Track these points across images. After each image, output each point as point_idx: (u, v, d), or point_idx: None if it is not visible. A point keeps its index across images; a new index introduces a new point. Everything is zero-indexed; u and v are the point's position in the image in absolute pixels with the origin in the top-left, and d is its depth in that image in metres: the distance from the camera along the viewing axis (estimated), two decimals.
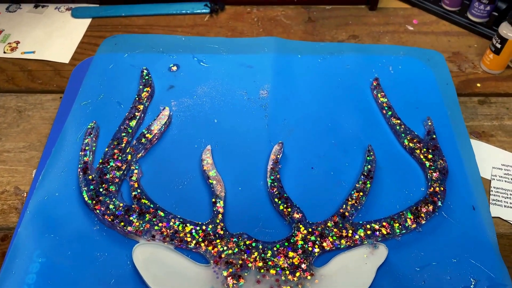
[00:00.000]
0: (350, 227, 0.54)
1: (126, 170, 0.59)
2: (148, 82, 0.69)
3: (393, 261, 0.52)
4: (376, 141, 0.63)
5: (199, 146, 0.63)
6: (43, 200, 0.57)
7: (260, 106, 0.67)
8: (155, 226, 0.53)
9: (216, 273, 0.50)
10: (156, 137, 0.63)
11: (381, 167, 0.61)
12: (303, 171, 0.61)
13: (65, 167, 0.60)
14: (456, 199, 0.57)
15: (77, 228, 0.55)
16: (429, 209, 0.55)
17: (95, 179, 0.57)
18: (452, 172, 0.59)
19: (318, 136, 0.64)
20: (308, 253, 0.52)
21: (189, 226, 0.54)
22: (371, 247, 0.52)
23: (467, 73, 0.82)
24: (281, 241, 0.53)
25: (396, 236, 0.54)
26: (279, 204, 0.56)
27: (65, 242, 0.53)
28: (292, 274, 0.50)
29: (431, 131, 0.63)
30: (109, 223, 0.54)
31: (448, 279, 0.51)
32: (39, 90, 0.80)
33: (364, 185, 0.58)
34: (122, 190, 0.58)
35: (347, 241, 0.53)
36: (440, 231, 0.55)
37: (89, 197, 0.56)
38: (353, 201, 0.56)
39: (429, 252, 0.53)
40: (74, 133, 0.64)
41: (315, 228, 0.54)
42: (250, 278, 0.50)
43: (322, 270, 0.51)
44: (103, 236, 0.54)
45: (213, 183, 0.58)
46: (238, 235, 0.53)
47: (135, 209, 0.55)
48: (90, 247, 0.53)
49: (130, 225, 0.53)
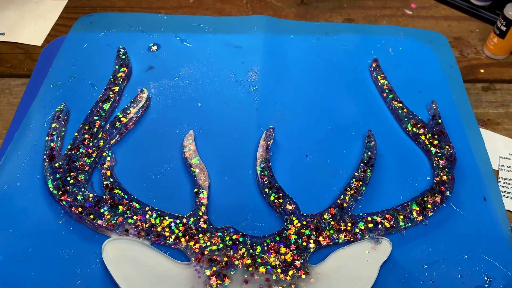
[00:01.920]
0: (349, 220, 0.48)
1: (98, 157, 0.52)
2: (125, 62, 0.62)
3: (397, 258, 0.47)
4: (376, 126, 0.57)
5: (180, 131, 0.56)
6: (2, 190, 0.50)
7: (249, 89, 0.61)
8: (129, 219, 0.47)
9: (198, 272, 0.44)
10: (132, 121, 0.56)
11: (382, 155, 0.55)
12: (296, 159, 0.55)
13: (28, 154, 0.53)
14: (466, 189, 0.52)
15: (40, 222, 0.48)
16: (436, 199, 0.50)
17: (62, 167, 0.51)
18: (460, 159, 0.54)
19: (313, 121, 0.58)
20: (302, 249, 0.46)
21: (168, 219, 0.47)
22: (373, 242, 0.46)
23: (470, 58, 0.77)
24: (271, 236, 0.47)
25: (401, 230, 0.48)
26: (270, 195, 0.50)
27: (25, 238, 0.47)
28: (284, 273, 0.44)
29: (436, 115, 0.58)
30: (77, 216, 0.48)
31: (460, 277, 0.46)
32: (7, 74, 0.73)
33: (364, 173, 0.52)
34: (92, 180, 0.51)
35: (346, 235, 0.47)
36: (449, 224, 0.49)
37: (55, 187, 0.49)
38: (352, 191, 0.50)
39: (438, 248, 0.48)
40: (41, 117, 0.57)
41: (310, 221, 0.48)
42: (236, 278, 0.44)
43: (318, 268, 0.45)
44: (69, 230, 0.48)
45: (195, 172, 0.52)
46: (224, 229, 0.47)
47: (106, 200, 0.48)
48: (55, 243, 0.47)
49: (101, 218, 0.47)
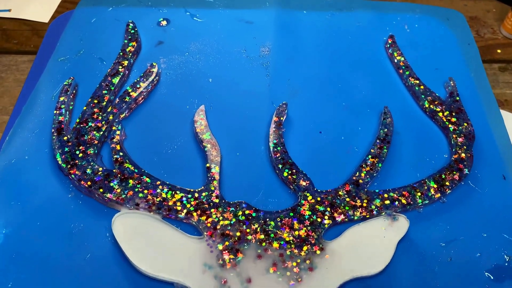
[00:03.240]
0: (365, 197, 0.47)
1: (107, 131, 0.51)
2: (134, 36, 0.61)
3: (414, 236, 0.45)
4: (392, 103, 0.55)
5: (191, 107, 0.55)
6: (10, 164, 0.49)
7: (260, 65, 0.60)
8: (140, 194, 0.46)
9: (210, 246, 0.43)
10: (142, 96, 0.55)
11: (399, 132, 0.53)
12: (310, 135, 0.53)
13: (36, 128, 0.52)
14: (484, 168, 0.50)
15: (48, 196, 0.47)
16: (455, 177, 0.48)
17: (71, 140, 0.50)
18: (479, 137, 0.52)
19: (327, 98, 0.57)
20: (317, 225, 0.45)
21: (179, 194, 0.46)
22: (390, 219, 0.45)
23: (486, 38, 0.75)
24: (285, 211, 0.45)
25: (418, 207, 0.47)
26: (283, 171, 0.48)
27: (34, 211, 0.46)
28: (299, 248, 0.43)
29: (454, 93, 0.56)
30: (86, 189, 0.46)
31: (478, 255, 0.44)
32: (14, 51, 0.72)
33: (380, 150, 0.50)
34: (102, 154, 0.50)
35: (362, 212, 0.46)
36: (467, 202, 0.48)
37: (63, 160, 0.48)
38: (367, 168, 0.49)
39: (455, 226, 0.46)
40: (48, 91, 0.56)
41: (324, 197, 0.46)
42: (249, 253, 0.43)
43: (333, 244, 0.44)
44: (78, 204, 0.47)
45: (207, 147, 0.50)
46: (236, 204, 0.46)
47: (116, 174, 0.47)
48: (64, 217, 0.46)
49: (111, 192, 0.46)
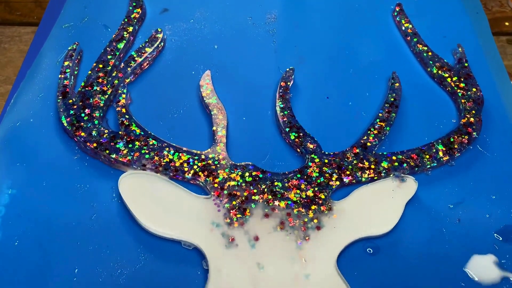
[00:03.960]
0: (373, 159, 0.46)
1: (112, 95, 0.51)
2: (139, 3, 0.60)
3: (423, 197, 0.45)
4: (400, 70, 0.55)
5: (196, 73, 0.54)
6: (15, 126, 0.49)
7: (267, 32, 0.59)
8: (146, 155, 0.46)
9: (218, 205, 0.43)
10: (147, 61, 0.55)
11: (406, 98, 0.53)
12: (317, 100, 0.53)
13: (41, 92, 0.52)
14: (493, 133, 0.50)
15: (54, 157, 0.47)
16: (463, 140, 0.48)
17: (76, 103, 0.49)
18: (488, 103, 0.52)
19: (334, 64, 0.56)
20: (324, 186, 0.44)
21: (186, 156, 0.46)
22: (398, 180, 0.45)
23: (494, 11, 0.74)
24: (292, 173, 0.45)
25: (426, 170, 0.47)
26: (290, 134, 0.48)
27: (40, 172, 0.46)
28: (306, 208, 0.43)
29: (463, 59, 0.55)
30: (92, 151, 0.46)
31: (487, 217, 0.44)
32: (17, 22, 0.71)
33: (388, 114, 0.50)
34: (107, 117, 0.50)
35: (370, 174, 0.45)
36: (476, 166, 0.48)
37: (69, 123, 0.47)
38: (375, 131, 0.48)
39: (464, 188, 0.46)
40: (53, 56, 0.55)
41: (332, 159, 0.46)
42: (257, 212, 0.42)
43: (341, 204, 0.43)
44: (84, 166, 0.46)
45: (213, 111, 0.50)
46: (243, 166, 0.46)
47: (122, 136, 0.47)
48: (69, 178, 0.45)
49: (117, 153, 0.46)
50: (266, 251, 0.40)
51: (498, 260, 0.41)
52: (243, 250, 0.40)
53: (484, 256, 0.42)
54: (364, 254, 0.42)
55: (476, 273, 0.41)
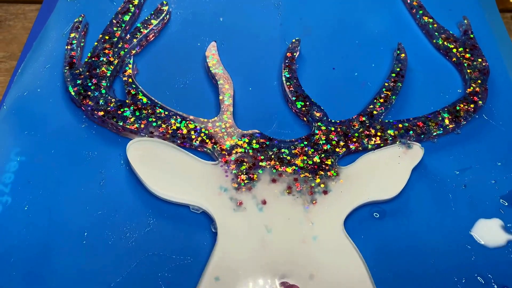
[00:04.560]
0: (379, 127, 0.46)
1: (119, 65, 0.51)
2: None
3: (429, 164, 0.45)
4: (405, 42, 0.55)
5: (202, 44, 0.54)
6: (22, 95, 0.49)
7: (272, 4, 0.59)
8: (153, 123, 0.46)
9: (225, 171, 0.43)
10: (152, 33, 0.55)
11: (412, 69, 0.53)
12: (323, 71, 0.53)
13: (47, 63, 0.52)
14: (499, 102, 0.50)
15: (62, 126, 0.47)
16: (469, 108, 0.48)
17: (83, 73, 0.49)
18: (494, 73, 0.52)
19: (340, 36, 0.56)
20: (331, 153, 0.44)
21: (193, 124, 0.46)
22: (404, 147, 0.45)
23: None
24: (299, 140, 0.45)
25: (432, 138, 0.47)
26: (297, 103, 0.48)
27: (48, 140, 0.46)
28: (313, 173, 0.43)
29: (468, 31, 0.55)
30: (99, 119, 0.46)
31: (493, 182, 0.44)
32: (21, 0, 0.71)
33: (394, 83, 0.50)
34: (114, 88, 0.50)
35: (376, 141, 0.45)
36: (482, 134, 0.48)
37: (76, 92, 0.48)
38: (381, 100, 0.49)
39: (470, 155, 0.46)
40: (59, 29, 0.55)
41: (338, 127, 0.46)
42: (264, 177, 0.43)
43: (348, 170, 0.44)
44: (92, 134, 0.47)
45: (219, 81, 0.50)
46: (250, 133, 0.46)
47: (129, 104, 0.47)
48: (77, 145, 0.46)
49: (124, 121, 0.46)
50: (274, 214, 0.40)
51: (504, 224, 0.42)
52: (251, 213, 0.40)
53: (489, 220, 0.42)
54: (371, 218, 0.42)
55: (481, 237, 0.41)
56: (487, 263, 0.40)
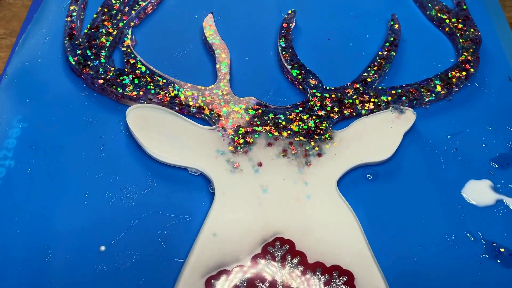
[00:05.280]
0: (373, 93, 0.47)
1: (118, 36, 0.52)
2: None
3: (421, 128, 0.46)
4: (399, 13, 0.55)
5: (199, 16, 0.55)
6: (24, 65, 0.50)
7: None
8: (152, 90, 0.47)
9: (222, 135, 0.44)
10: (151, 5, 0.56)
11: (406, 40, 0.54)
12: (319, 42, 0.54)
13: (48, 35, 0.52)
14: (490, 70, 0.51)
15: (62, 94, 0.48)
16: (461, 75, 0.49)
17: (82, 44, 0.50)
18: (485, 43, 0.53)
19: (335, 8, 0.57)
20: (325, 118, 0.46)
21: (191, 91, 0.47)
22: (397, 112, 0.46)
23: None
24: (295, 105, 0.47)
25: (424, 104, 0.48)
26: (292, 71, 0.49)
27: (50, 108, 0.47)
28: (308, 137, 0.44)
29: (461, 2, 0.56)
30: (99, 87, 0.47)
31: (483, 146, 0.45)
32: None
33: (388, 52, 0.51)
34: (113, 58, 0.51)
35: (369, 106, 0.47)
36: (473, 100, 0.49)
37: (76, 62, 0.49)
38: (375, 68, 0.50)
39: (462, 121, 0.47)
40: (59, 2, 0.56)
41: (333, 93, 0.47)
42: (260, 141, 0.44)
43: (342, 134, 0.45)
44: (92, 102, 0.48)
45: (217, 51, 0.51)
46: (246, 100, 0.47)
47: (128, 73, 0.48)
48: (78, 113, 0.47)
49: (123, 89, 0.47)
50: (269, 175, 0.42)
51: (493, 185, 0.43)
52: (247, 174, 0.42)
53: (479, 181, 0.43)
54: (364, 180, 0.43)
55: (472, 196, 0.42)
56: (477, 221, 0.41)
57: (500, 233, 0.40)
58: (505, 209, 0.42)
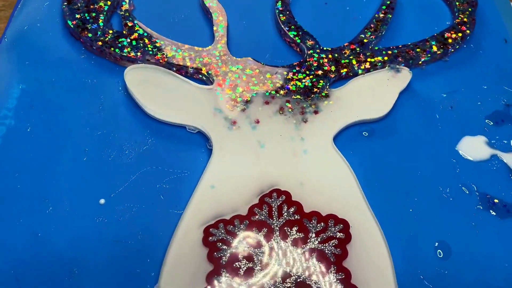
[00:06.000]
0: (370, 53, 0.48)
1: (116, 2, 0.52)
2: None
3: (417, 87, 0.47)
4: None
5: None
6: (23, 29, 0.50)
7: None
8: (150, 52, 0.47)
9: (220, 93, 0.44)
10: None
11: (402, 3, 0.54)
12: (316, 5, 0.54)
13: (46, 1, 0.53)
14: (486, 32, 0.51)
15: (61, 57, 0.48)
16: (457, 36, 0.49)
17: (80, 8, 0.51)
18: (481, 5, 0.53)
19: None
20: (322, 77, 0.46)
21: (188, 52, 0.48)
22: (393, 71, 0.46)
23: None
24: (291, 65, 0.47)
25: (421, 65, 0.48)
26: (289, 33, 0.49)
27: (49, 70, 0.47)
28: (305, 95, 0.44)
29: None
30: (98, 50, 0.48)
31: (479, 104, 0.46)
32: None
33: (385, 15, 0.51)
34: (112, 22, 0.51)
35: (366, 66, 0.47)
36: (469, 61, 0.49)
37: (75, 25, 0.49)
38: (372, 29, 0.50)
39: (457, 80, 0.48)
40: None
41: (330, 53, 0.48)
42: (257, 100, 0.44)
43: (338, 92, 0.45)
44: (91, 64, 0.48)
45: (214, 14, 0.51)
46: (244, 60, 0.47)
47: (126, 35, 0.48)
48: (77, 74, 0.47)
49: (121, 50, 0.47)
50: (266, 132, 0.42)
51: (488, 140, 0.43)
52: (245, 130, 0.42)
53: (474, 137, 0.44)
54: (360, 137, 0.44)
55: (466, 151, 0.43)
56: (471, 174, 0.41)
57: (494, 186, 0.41)
58: (499, 163, 0.42)
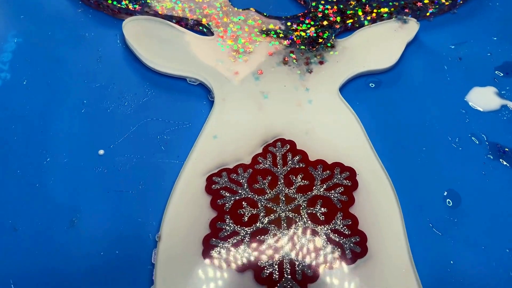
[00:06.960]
0: (376, 4, 0.46)
1: None
2: None
3: (424, 39, 0.45)
4: None
5: None
6: None
7: None
8: (149, 3, 0.46)
9: (221, 44, 0.43)
10: None
11: None
12: None
13: None
14: None
15: (58, 11, 0.47)
16: None
17: None
18: None
19: None
20: (327, 27, 0.44)
21: (188, 3, 0.46)
22: (400, 22, 0.45)
23: None
24: (295, 16, 0.45)
25: (428, 17, 0.47)
26: None
27: (45, 24, 0.46)
28: (309, 45, 0.43)
29: None
30: (95, 3, 0.46)
31: (489, 55, 0.44)
32: None
33: None
34: None
35: (372, 17, 0.45)
36: (479, 14, 0.48)
37: None
38: None
39: (466, 32, 0.46)
40: None
41: (335, 4, 0.46)
42: (260, 50, 0.43)
43: (345, 42, 0.44)
44: (88, 17, 0.47)
45: None
46: (246, 11, 0.46)
47: None
48: (74, 27, 0.46)
49: (120, 3, 0.46)
50: (270, 82, 0.41)
51: (498, 91, 0.42)
52: (247, 81, 0.41)
53: (484, 88, 0.43)
54: (366, 87, 0.42)
55: (476, 102, 0.41)
56: (481, 125, 0.40)
57: (504, 135, 0.40)
58: (510, 113, 0.41)
